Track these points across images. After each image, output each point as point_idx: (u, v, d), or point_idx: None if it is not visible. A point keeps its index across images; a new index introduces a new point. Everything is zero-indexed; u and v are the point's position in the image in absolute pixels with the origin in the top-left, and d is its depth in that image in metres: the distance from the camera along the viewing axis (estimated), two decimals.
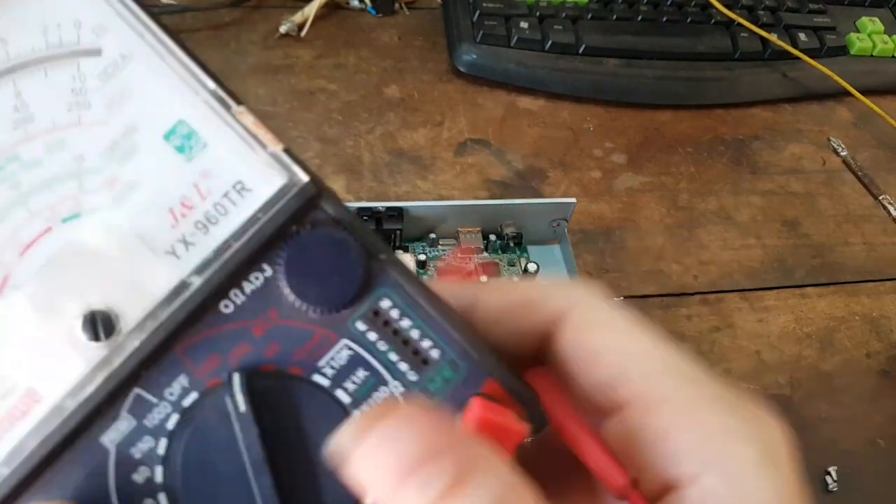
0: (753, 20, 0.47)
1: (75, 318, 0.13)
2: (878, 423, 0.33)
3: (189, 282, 0.13)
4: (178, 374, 0.13)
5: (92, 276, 0.13)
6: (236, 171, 0.13)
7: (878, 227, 0.41)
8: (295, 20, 0.45)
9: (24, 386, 0.13)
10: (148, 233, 0.13)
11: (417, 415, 0.11)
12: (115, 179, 0.13)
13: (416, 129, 0.41)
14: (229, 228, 0.13)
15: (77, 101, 0.13)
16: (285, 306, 0.13)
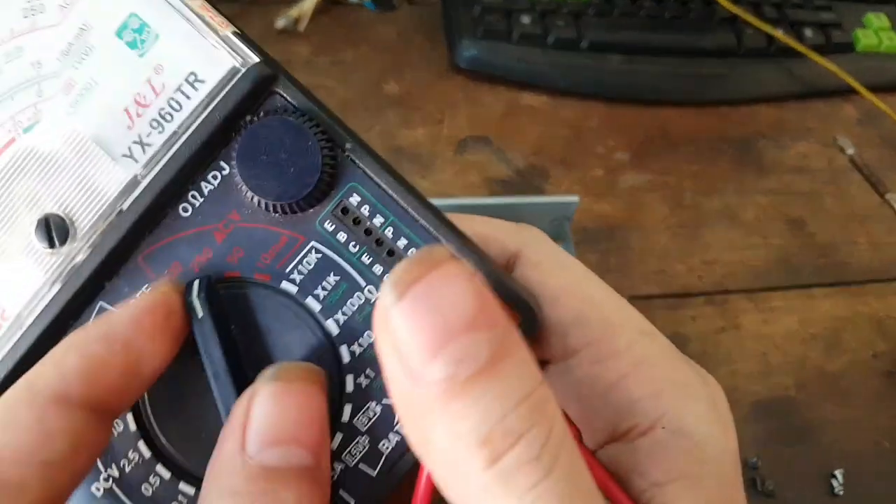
0: (758, 16, 0.46)
1: (32, 226, 0.12)
2: (885, 425, 0.33)
3: (140, 179, 0.12)
4: (141, 284, 0.12)
5: (48, 184, 0.12)
6: (189, 61, 0.12)
7: (885, 226, 0.41)
8: (292, 15, 0.44)
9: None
10: (104, 136, 0.12)
11: (461, 277, 0.10)
12: (71, 83, 0.12)
13: (415, 127, 0.41)
14: (187, 119, 0.12)
15: (31, 6, 0.13)
16: (246, 207, 0.12)
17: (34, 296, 0.12)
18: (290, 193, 0.12)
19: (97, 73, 0.13)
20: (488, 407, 0.10)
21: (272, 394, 0.11)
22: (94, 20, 0.13)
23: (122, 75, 0.13)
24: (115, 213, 0.12)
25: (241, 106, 0.12)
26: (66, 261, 0.12)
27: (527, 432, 0.10)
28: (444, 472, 0.10)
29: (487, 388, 0.10)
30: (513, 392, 0.10)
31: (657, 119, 0.43)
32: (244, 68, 0.12)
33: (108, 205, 0.12)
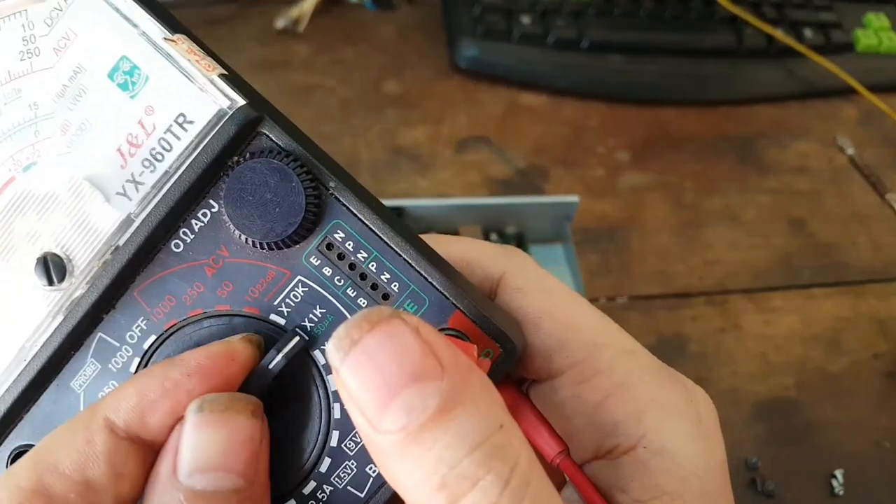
0: (758, 16, 0.46)
1: (31, 263, 0.13)
2: (885, 426, 0.33)
3: (133, 218, 0.13)
4: (138, 317, 0.13)
5: (46, 222, 0.13)
6: (178, 103, 0.13)
7: (885, 226, 0.41)
8: (292, 15, 0.44)
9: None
10: (98, 175, 0.13)
11: (403, 333, 0.10)
12: (67, 124, 0.13)
13: (415, 127, 0.41)
14: (178, 159, 0.13)
15: (28, 49, 0.13)
16: (235, 243, 0.13)
17: (36, 329, 0.13)
18: (276, 232, 0.12)
19: (91, 113, 0.13)
20: (442, 453, 0.10)
21: (196, 424, 0.11)
22: (87, 62, 0.13)
23: (114, 116, 0.13)
24: (111, 251, 0.13)
25: (228, 147, 0.13)
26: (66, 296, 0.13)
27: (483, 478, 0.10)
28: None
29: (440, 435, 0.10)
30: (467, 437, 0.10)
31: (657, 119, 0.43)
32: (231, 111, 0.13)
33: (103, 243, 0.13)
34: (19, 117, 0.13)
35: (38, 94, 0.13)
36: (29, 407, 0.13)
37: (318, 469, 0.13)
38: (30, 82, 0.13)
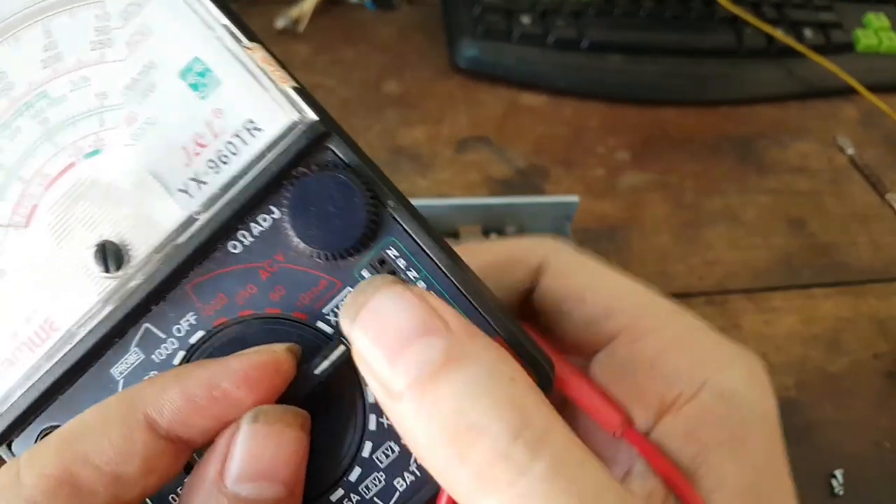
0: (758, 16, 0.46)
1: (88, 250, 0.13)
2: (885, 426, 0.33)
3: (196, 217, 0.13)
4: (187, 312, 0.13)
5: (107, 210, 0.13)
6: (248, 109, 0.13)
7: (885, 226, 0.41)
8: (292, 15, 0.44)
9: (44, 314, 0.13)
10: (162, 170, 0.13)
11: (403, 295, 0.11)
12: (133, 116, 0.13)
13: (415, 127, 0.41)
14: (242, 165, 0.13)
15: (101, 40, 0.13)
16: (292, 250, 0.13)
17: (86, 313, 0.13)
18: (335, 244, 0.13)
19: (159, 109, 0.13)
20: (451, 405, 0.10)
21: (251, 434, 0.11)
22: (160, 59, 0.13)
23: (182, 114, 0.13)
24: (170, 246, 0.13)
25: (295, 159, 0.13)
26: (119, 285, 0.13)
27: (489, 426, 0.10)
28: (440, 478, 0.11)
29: (448, 386, 0.10)
30: (475, 387, 0.10)
31: (657, 119, 0.43)
32: (302, 124, 0.13)
33: (163, 237, 0.13)
34: (85, 105, 0.13)
35: (107, 84, 0.13)
36: (65, 389, 0.13)
37: (347, 477, 0.13)
38: (99, 72, 0.13)
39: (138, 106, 0.13)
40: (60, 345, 0.13)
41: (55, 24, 0.13)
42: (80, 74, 0.13)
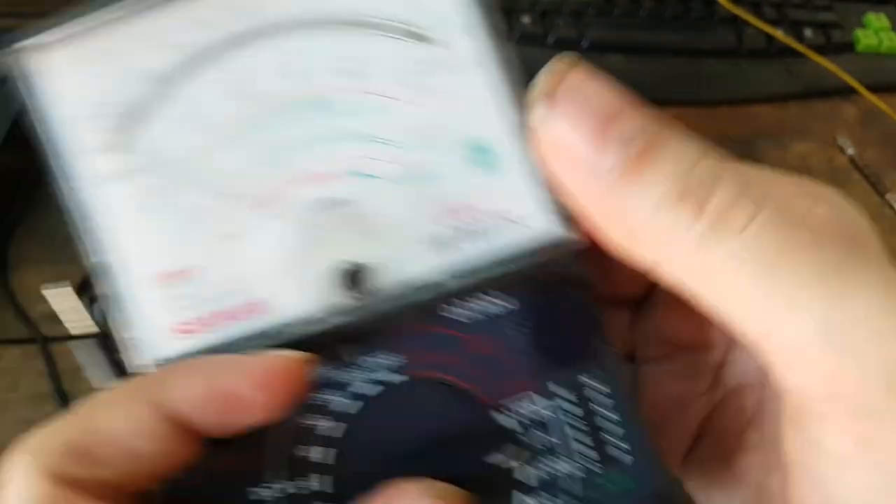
0: (758, 16, 0.47)
1: (331, 262, 0.13)
2: None
3: (437, 277, 0.13)
4: (397, 353, 0.14)
5: (359, 233, 0.14)
6: (516, 202, 0.14)
7: (885, 225, 0.41)
8: None
9: (258, 295, 0.13)
10: (419, 219, 0.14)
11: (594, 73, 0.11)
12: (409, 160, 0.14)
13: None
14: (490, 248, 0.13)
15: (407, 79, 0.13)
16: (503, 339, 0.13)
17: (299, 318, 0.13)
18: (549, 359, 0.13)
19: (433, 165, 0.14)
20: (673, 167, 0.11)
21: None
22: (454, 120, 0.14)
23: (453, 178, 0.14)
24: (403, 290, 0.13)
25: (549, 266, 0.14)
26: (346, 305, 0.13)
27: (720, 178, 0.11)
28: (659, 250, 0.11)
29: (665, 153, 0.11)
30: (690, 151, 0.11)
31: None
32: (562, 238, 0.13)
33: (402, 280, 0.13)
34: (370, 129, 0.13)
35: (396, 120, 0.14)
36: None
37: None
38: (393, 106, 0.14)
39: (416, 153, 0.14)
40: (266, 332, 0.13)
41: (372, 43, 0.13)
42: (377, 100, 0.13)
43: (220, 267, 0.13)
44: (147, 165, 0.13)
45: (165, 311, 0.13)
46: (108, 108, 0.13)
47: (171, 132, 0.13)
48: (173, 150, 0.13)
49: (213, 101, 0.13)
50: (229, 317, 0.13)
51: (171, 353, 0.13)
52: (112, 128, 0.13)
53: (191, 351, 0.13)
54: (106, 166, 0.13)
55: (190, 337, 0.13)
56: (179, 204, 0.13)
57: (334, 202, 0.14)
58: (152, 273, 0.13)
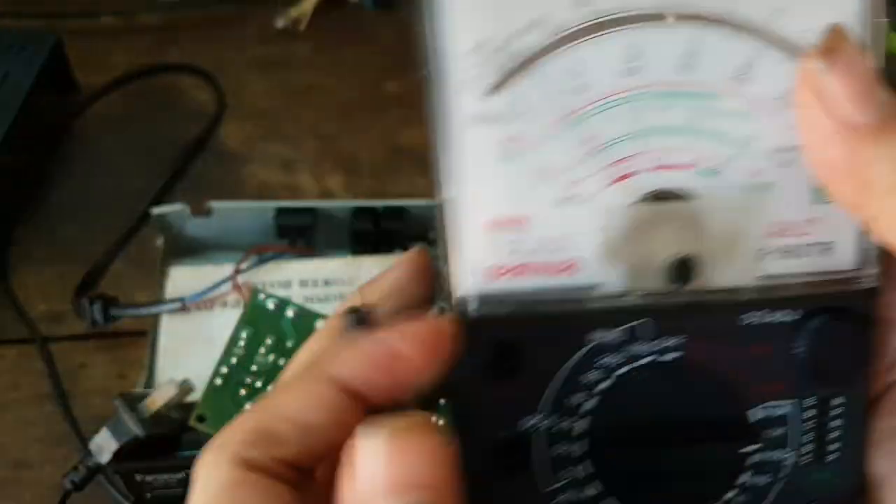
0: None
1: (660, 250, 0.14)
2: None
3: (746, 283, 0.14)
4: (680, 335, 0.14)
5: (696, 229, 0.14)
6: (836, 231, 0.15)
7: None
8: (292, 15, 0.44)
9: (577, 257, 0.14)
10: (752, 227, 0.14)
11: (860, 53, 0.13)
12: (758, 171, 0.14)
13: (416, 126, 0.41)
14: (800, 267, 0.14)
15: (780, 99, 0.14)
16: (780, 348, 0.15)
17: (610, 291, 0.14)
18: (816, 373, 0.15)
19: (779, 183, 0.14)
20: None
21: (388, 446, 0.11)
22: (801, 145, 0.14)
23: (793, 200, 0.14)
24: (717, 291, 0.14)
25: (843, 296, 0.15)
26: (659, 289, 0.14)
27: None
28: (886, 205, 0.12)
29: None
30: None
31: None
32: (868, 282, 0.14)
33: (718, 281, 0.14)
34: (740, 134, 0.14)
35: (761, 132, 0.14)
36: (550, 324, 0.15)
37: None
38: (761, 118, 0.14)
39: (769, 169, 0.14)
40: (570, 290, 0.14)
41: (766, 56, 0.13)
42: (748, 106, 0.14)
43: (551, 224, 0.14)
44: (518, 115, 0.14)
45: (491, 253, 0.14)
46: (502, 53, 0.13)
47: (550, 89, 0.13)
48: (548, 107, 0.13)
49: (603, 69, 0.13)
50: (544, 270, 0.14)
51: (488, 291, 0.14)
52: (498, 72, 0.13)
53: (505, 292, 0.14)
54: (480, 108, 0.13)
55: (507, 280, 0.14)
56: (536, 158, 0.14)
57: (677, 192, 0.14)
58: (489, 217, 0.14)
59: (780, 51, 0.13)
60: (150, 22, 0.44)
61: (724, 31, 0.13)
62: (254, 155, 0.38)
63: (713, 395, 0.15)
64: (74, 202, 0.34)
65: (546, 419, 0.15)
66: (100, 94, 0.39)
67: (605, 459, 0.15)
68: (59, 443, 0.27)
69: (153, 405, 0.22)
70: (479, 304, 0.14)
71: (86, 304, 0.28)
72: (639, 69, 0.14)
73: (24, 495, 0.26)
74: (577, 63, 0.13)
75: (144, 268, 0.32)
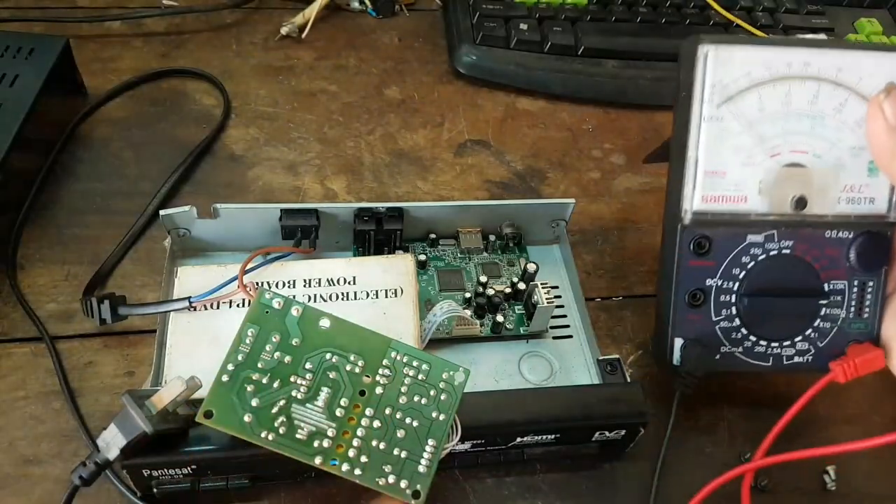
0: (752, 21, 0.47)
1: (790, 192, 0.28)
2: (877, 423, 0.33)
3: (832, 213, 0.28)
4: (791, 239, 0.28)
5: (807, 184, 0.28)
6: (878, 193, 0.28)
7: None
8: (296, 21, 0.45)
9: (748, 195, 0.27)
10: (836, 184, 0.28)
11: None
12: (840, 157, 0.28)
13: (416, 130, 0.42)
14: (858, 209, 0.28)
15: (858, 123, 0.27)
16: (843, 250, 0.28)
17: (764, 213, 0.28)
18: (861, 266, 0.28)
19: (850, 163, 0.28)
20: None
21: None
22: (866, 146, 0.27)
23: (856, 172, 0.28)
24: (819, 217, 0.28)
25: (877, 227, 0.30)
26: (788, 214, 0.28)
27: None
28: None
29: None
30: None
31: (652, 122, 0.44)
32: (892, 221, 0.29)
33: (819, 211, 0.28)
34: (838, 139, 0.27)
35: (845, 138, 0.27)
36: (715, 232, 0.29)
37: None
38: (849, 132, 0.27)
39: (846, 157, 0.27)
40: (743, 213, 0.27)
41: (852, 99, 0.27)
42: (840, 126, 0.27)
43: (736, 176, 0.27)
44: (727, 119, 0.27)
45: (702, 188, 0.27)
46: (725, 88, 0.27)
47: (745, 108, 0.27)
48: (743, 117, 0.27)
49: (773, 100, 0.27)
50: (730, 200, 0.27)
51: (699, 208, 0.27)
52: (720, 96, 0.27)
53: (708, 209, 0.27)
54: (710, 113, 0.27)
55: (710, 204, 0.27)
56: (733, 141, 0.27)
57: (801, 164, 0.27)
58: (706, 168, 0.27)
59: (858, 98, 0.27)
60: (157, 27, 0.44)
61: (833, 86, 0.27)
62: (259, 158, 0.39)
63: (806, 273, 0.28)
64: (82, 203, 0.35)
65: (719, 280, 0.28)
66: (108, 97, 0.40)
67: (744, 306, 0.28)
68: (68, 439, 0.28)
69: (160, 402, 0.22)
70: (693, 215, 0.27)
71: (94, 303, 0.29)
72: (789, 101, 0.27)
73: (33, 491, 0.26)
74: (760, 96, 0.27)
75: (151, 267, 0.33)
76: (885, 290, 0.28)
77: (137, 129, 0.39)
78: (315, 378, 0.22)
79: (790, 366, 0.29)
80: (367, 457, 0.20)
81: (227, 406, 0.21)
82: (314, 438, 0.21)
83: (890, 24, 0.51)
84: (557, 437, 0.27)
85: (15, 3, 0.44)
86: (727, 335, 0.29)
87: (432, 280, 0.33)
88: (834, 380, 0.28)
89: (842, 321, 0.29)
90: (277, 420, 0.21)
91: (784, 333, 0.29)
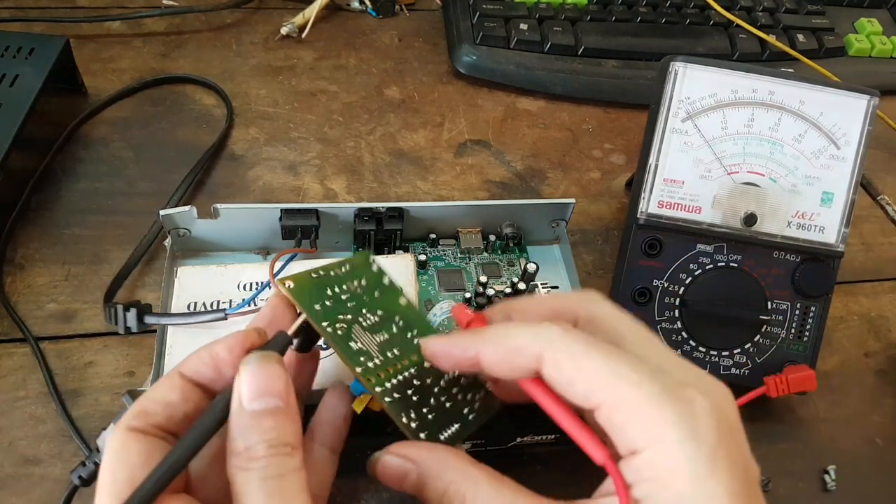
0: (752, 21, 0.47)
1: (741, 208, 0.30)
2: (877, 423, 0.33)
3: (779, 235, 0.30)
4: (740, 254, 0.30)
5: (759, 202, 0.30)
6: (829, 223, 0.30)
7: (877, 227, 0.41)
8: (296, 22, 0.45)
9: (701, 205, 0.30)
10: (787, 209, 0.30)
11: None
12: (796, 184, 0.30)
13: (416, 130, 0.42)
14: (804, 236, 0.30)
15: (816, 153, 0.30)
16: (786, 272, 0.30)
17: (713, 225, 0.30)
18: (803, 289, 0.31)
19: (804, 190, 0.31)
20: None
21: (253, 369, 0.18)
22: (823, 176, 0.31)
23: (810, 200, 0.31)
24: (766, 235, 0.30)
25: (820, 253, 0.33)
26: (737, 229, 0.30)
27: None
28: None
29: None
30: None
31: None
32: (837, 250, 0.31)
33: (767, 230, 0.30)
34: (786, 163, 0.30)
35: (799, 165, 0.30)
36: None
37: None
38: (800, 158, 0.30)
39: (800, 184, 0.30)
40: (694, 222, 0.30)
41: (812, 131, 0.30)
42: (796, 153, 0.30)
43: (694, 187, 0.30)
44: (691, 133, 0.30)
45: (658, 194, 0.30)
46: (692, 104, 0.30)
47: (710, 124, 0.30)
48: (706, 132, 0.30)
49: (736, 121, 0.30)
50: (685, 209, 0.30)
51: (654, 212, 0.30)
52: (685, 111, 0.30)
53: (662, 214, 0.30)
54: (676, 126, 0.30)
55: (664, 209, 0.30)
56: (694, 154, 0.30)
57: (757, 184, 0.30)
58: (665, 176, 0.30)
59: (817, 131, 0.30)
60: (157, 27, 0.44)
61: (794, 116, 0.30)
62: (259, 158, 0.39)
63: (751, 289, 0.30)
64: (82, 203, 0.35)
65: (665, 282, 0.30)
66: (110, 101, 0.40)
67: (687, 311, 0.30)
68: (68, 439, 0.28)
69: None
70: (647, 217, 0.30)
71: (120, 311, 0.27)
72: (752, 125, 0.30)
73: (32, 491, 0.26)
74: (724, 116, 0.30)
75: (151, 267, 0.33)
76: (825, 314, 0.31)
77: (137, 129, 0.39)
78: (381, 323, 0.22)
79: (726, 377, 0.30)
80: (401, 396, 0.21)
81: (306, 289, 0.21)
82: (362, 355, 0.21)
83: (890, 24, 0.51)
84: (557, 437, 0.27)
85: (15, 3, 0.44)
86: (668, 336, 0.30)
87: (432, 280, 0.33)
88: (765, 393, 0.29)
89: (781, 341, 0.30)
90: (340, 324, 0.21)
91: (724, 343, 0.30)
